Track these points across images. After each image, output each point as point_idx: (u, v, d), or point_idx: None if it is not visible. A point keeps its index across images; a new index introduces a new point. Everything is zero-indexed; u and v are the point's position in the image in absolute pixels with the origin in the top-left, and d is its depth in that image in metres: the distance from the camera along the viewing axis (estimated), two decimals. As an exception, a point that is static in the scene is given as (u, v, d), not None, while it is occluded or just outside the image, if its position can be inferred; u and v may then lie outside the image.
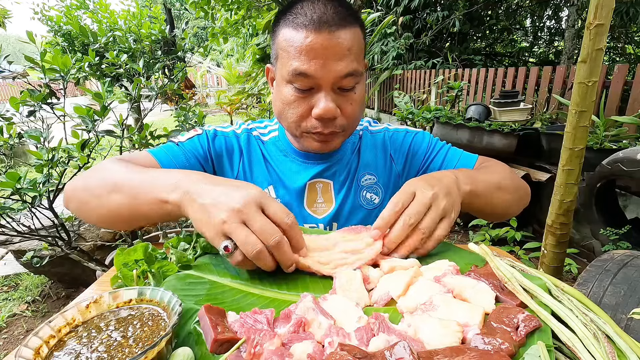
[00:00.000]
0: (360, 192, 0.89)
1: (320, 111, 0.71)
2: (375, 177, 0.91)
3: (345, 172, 0.90)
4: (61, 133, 1.63)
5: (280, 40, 0.73)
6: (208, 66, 12.03)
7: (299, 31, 0.68)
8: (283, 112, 0.77)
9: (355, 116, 0.78)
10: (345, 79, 0.71)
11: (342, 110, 0.74)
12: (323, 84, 0.71)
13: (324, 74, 0.69)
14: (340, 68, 0.69)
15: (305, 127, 0.76)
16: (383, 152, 0.93)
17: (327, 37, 0.67)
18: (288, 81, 0.72)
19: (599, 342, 0.39)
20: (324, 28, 0.67)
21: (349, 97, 0.75)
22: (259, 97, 5.24)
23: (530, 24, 8.32)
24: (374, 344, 0.41)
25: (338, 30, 0.68)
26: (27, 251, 1.85)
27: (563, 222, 1.42)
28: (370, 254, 0.60)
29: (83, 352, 0.39)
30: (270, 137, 0.93)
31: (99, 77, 3.17)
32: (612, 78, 2.88)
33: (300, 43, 0.68)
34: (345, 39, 0.69)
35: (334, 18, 0.68)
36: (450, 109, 4.10)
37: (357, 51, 0.72)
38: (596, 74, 1.22)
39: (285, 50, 0.71)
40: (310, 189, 0.87)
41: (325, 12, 0.68)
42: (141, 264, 0.56)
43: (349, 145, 0.92)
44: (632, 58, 6.89)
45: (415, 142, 0.94)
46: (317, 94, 0.72)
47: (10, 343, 2.08)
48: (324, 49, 0.68)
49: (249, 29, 4.39)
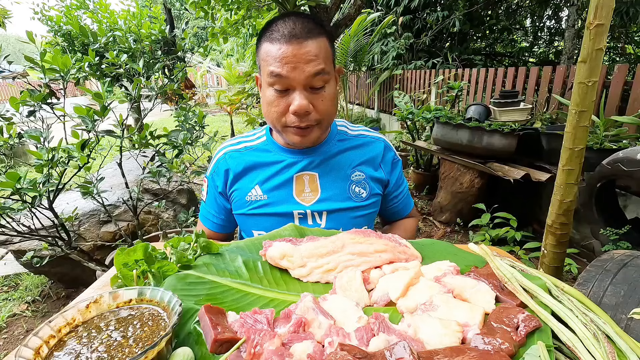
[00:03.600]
0: (350, 186, 1.02)
1: (295, 107, 0.84)
2: (364, 174, 1.04)
3: (331, 164, 1.02)
4: (61, 133, 1.62)
5: (262, 52, 0.88)
6: (208, 66, 12.02)
7: (274, 44, 0.83)
8: (267, 111, 0.90)
9: (327, 111, 0.90)
10: (314, 78, 0.84)
11: (315, 107, 0.87)
12: (296, 84, 0.84)
13: (296, 75, 0.83)
14: (308, 69, 0.83)
15: (285, 122, 0.89)
16: (372, 159, 1.06)
17: (297, 47, 0.82)
18: (269, 84, 0.86)
19: (599, 342, 0.39)
20: (293, 40, 0.82)
21: (320, 94, 0.87)
22: (259, 97, 5.24)
23: (530, 24, 8.31)
24: (374, 344, 0.41)
25: (305, 41, 0.82)
26: (27, 251, 1.85)
27: (563, 222, 1.42)
28: (377, 260, 0.60)
29: (83, 352, 0.39)
30: (259, 142, 1.07)
31: (99, 77, 3.17)
32: (612, 78, 2.88)
33: (275, 53, 0.83)
34: (312, 47, 0.83)
35: (301, 31, 0.83)
36: (450, 109, 4.10)
37: (324, 56, 0.85)
38: (596, 74, 1.22)
39: (264, 60, 0.86)
40: (297, 181, 1.00)
41: (294, 28, 0.83)
42: (141, 264, 0.55)
43: (333, 142, 1.04)
44: (632, 58, 6.88)
45: (396, 164, 1.11)
46: (292, 93, 0.85)
47: (10, 343, 2.08)
48: (294, 56, 0.82)
49: (249, 29, 4.39)
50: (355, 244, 0.62)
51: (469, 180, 3.13)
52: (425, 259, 0.63)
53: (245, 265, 0.60)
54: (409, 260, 0.62)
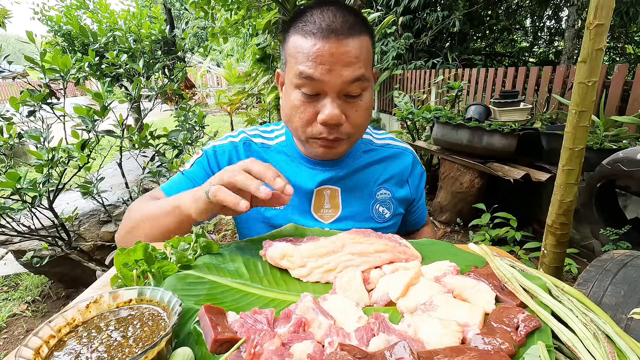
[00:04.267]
0: (374, 206, 0.90)
1: (325, 117, 0.72)
2: (390, 192, 0.92)
3: (355, 180, 0.90)
4: (61, 133, 1.62)
5: (290, 47, 0.74)
6: (208, 66, 12.02)
7: (308, 38, 0.70)
8: (290, 117, 0.78)
9: (360, 124, 0.78)
10: (351, 85, 0.71)
11: (348, 117, 0.75)
12: (329, 89, 0.71)
13: (330, 79, 0.70)
14: (346, 74, 0.70)
15: (311, 132, 0.76)
16: (400, 174, 0.95)
17: (335, 45, 0.68)
18: (296, 86, 0.73)
19: (599, 342, 0.39)
20: (332, 36, 0.68)
21: (355, 104, 0.75)
22: (259, 97, 5.24)
23: (530, 24, 8.31)
24: (374, 344, 0.41)
25: (346, 39, 0.69)
26: (27, 251, 1.85)
27: (563, 222, 1.42)
28: (377, 260, 0.60)
29: (83, 352, 0.39)
30: (277, 142, 0.93)
31: (99, 77, 3.17)
32: (612, 78, 2.88)
33: (308, 50, 0.69)
34: (353, 47, 0.70)
35: (342, 26, 0.69)
36: (450, 109, 4.10)
37: (365, 59, 0.72)
38: (596, 74, 1.22)
39: (293, 56, 0.72)
40: (317, 195, 0.88)
41: (333, 21, 0.69)
42: (141, 264, 0.55)
43: (358, 154, 0.92)
44: (632, 58, 6.88)
45: (422, 179, 1.00)
46: (323, 99, 0.73)
47: (10, 343, 2.08)
48: (331, 55, 0.68)
49: (249, 29, 4.39)
50: (356, 244, 0.62)
51: (469, 180, 3.13)
52: (425, 259, 0.63)
53: (245, 265, 0.60)
54: (409, 260, 0.62)
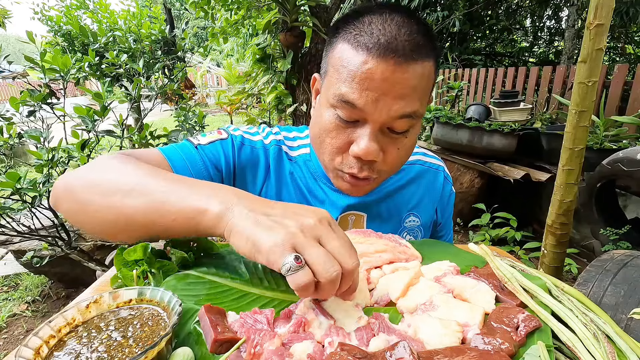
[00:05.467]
0: (401, 234, 0.81)
1: (360, 151, 0.60)
2: (419, 219, 0.83)
3: (383, 207, 0.80)
4: (61, 133, 1.63)
5: (335, 55, 0.61)
6: (208, 66, 12.02)
7: (359, 52, 0.56)
8: (318, 139, 0.66)
9: (398, 164, 0.67)
10: (399, 120, 0.59)
11: (385, 154, 0.63)
12: (371, 120, 0.59)
13: (375, 111, 0.57)
14: (396, 108, 0.57)
15: (340, 163, 0.65)
16: (430, 197, 0.85)
17: (391, 69, 0.55)
18: (332, 105, 0.61)
19: (599, 342, 0.39)
20: (390, 56, 0.55)
21: (398, 141, 0.63)
22: (259, 97, 5.24)
23: (530, 24, 8.31)
24: (374, 344, 0.41)
25: (407, 64, 0.55)
26: (27, 251, 1.85)
27: (563, 222, 1.42)
28: (377, 260, 0.60)
29: (83, 352, 0.39)
30: (299, 153, 0.80)
31: (99, 77, 3.17)
32: (612, 78, 2.88)
33: (356, 67, 0.56)
34: (413, 76, 0.57)
35: (405, 47, 0.55)
36: (450, 109, 4.10)
37: (423, 90, 0.59)
38: (596, 74, 1.22)
39: (336, 69, 0.60)
40: (341, 222, 0.78)
41: (396, 38, 0.55)
42: (141, 264, 0.55)
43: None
44: (632, 58, 6.88)
45: (451, 199, 0.89)
46: (361, 128, 0.61)
47: (10, 343, 2.08)
48: (384, 81, 0.55)
49: (249, 29, 4.39)
50: (356, 244, 0.62)
51: (469, 180, 3.13)
52: (425, 259, 0.63)
53: (245, 265, 0.60)
54: (409, 260, 0.62)
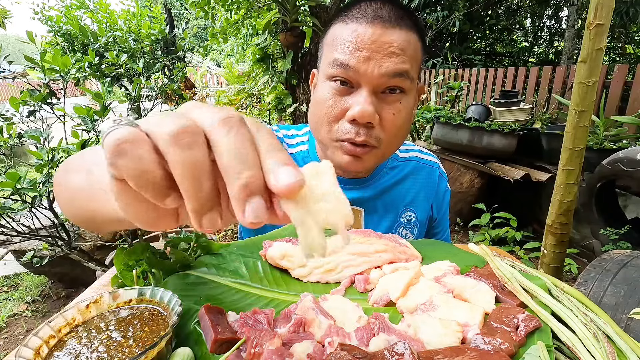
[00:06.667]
0: (397, 229, 0.83)
1: (355, 113, 0.62)
2: (415, 214, 0.85)
3: (380, 202, 0.82)
4: (61, 133, 1.62)
5: (329, 37, 0.67)
6: (208, 66, 12.01)
7: (349, 23, 0.63)
8: (316, 113, 0.69)
9: (395, 131, 0.67)
10: (392, 79, 0.62)
11: (382, 119, 0.64)
12: (364, 82, 0.62)
13: (368, 68, 0.61)
14: (387, 64, 0.60)
15: (337, 131, 0.66)
16: (425, 193, 0.87)
17: (379, 32, 0.60)
18: (327, 77, 0.65)
19: (599, 342, 0.39)
20: (377, 21, 0.61)
21: (393, 105, 0.65)
22: (259, 97, 5.24)
23: (530, 24, 8.31)
24: (374, 344, 0.41)
25: (393, 28, 0.61)
26: (27, 251, 1.85)
27: (563, 222, 1.42)
28: (377, 260, 0.60)
29: (83, 352, 0.39)
30: (298, 150, 0.82)
31: (99, 77, 3.17)
32: (612, 78, 2.88)
33: (346, 36, 0.62)
34: (400, 38, 0.61)
35: (390, 15, 0.62)
36: (450, 109, 4.10)
37: (411, 55, 0.63)
38: (596, 74, 1.22)
39: (330, 45, 0.65)
40: None
41: (381, 9, 0.62)
42: (141, 264, 0.55)
43: (385, 171, 0.84)
44: (632, 58, 6.88)
45: (446, 196, 0.92)
46: (356, 94, 0.63)
47: (10, 343, 2.08)
48: (373, 42, 0.60)
49: (249, 29, 4.39)
50: (356, 244, 0.62)
51: (469, 180, 3.13)
52: (425, 259, 0.63)
53: (245, 265, 0.60)
54: (409, 260, 0.62)
